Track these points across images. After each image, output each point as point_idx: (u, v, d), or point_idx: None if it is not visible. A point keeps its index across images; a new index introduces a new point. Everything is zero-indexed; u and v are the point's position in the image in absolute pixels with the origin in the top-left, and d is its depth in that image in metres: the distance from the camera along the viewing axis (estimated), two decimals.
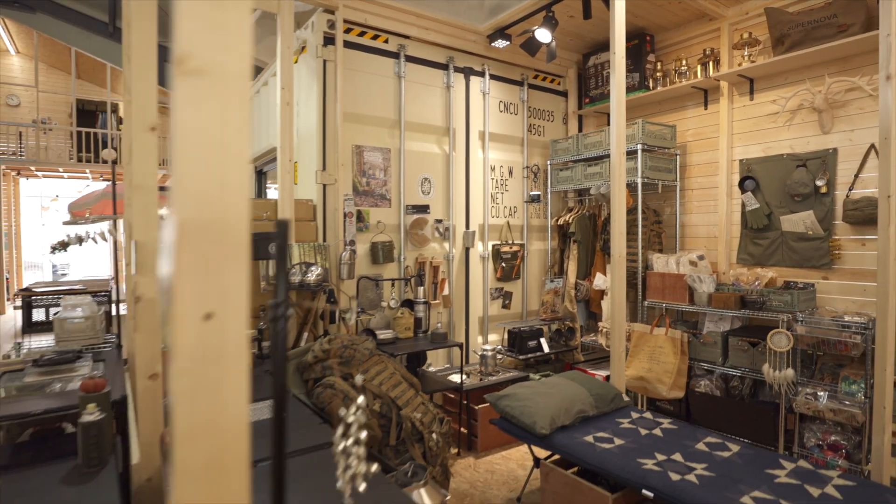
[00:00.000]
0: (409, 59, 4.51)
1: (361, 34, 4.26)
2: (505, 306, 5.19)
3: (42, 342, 3.60)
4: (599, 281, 4.85)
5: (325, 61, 4.03)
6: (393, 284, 4.34)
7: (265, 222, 3.63)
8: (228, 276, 0.61)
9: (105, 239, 2.96)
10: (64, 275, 16.13)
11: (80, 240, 2.88)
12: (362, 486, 0.88)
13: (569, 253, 5.15)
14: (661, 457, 2.69)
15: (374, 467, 0.92)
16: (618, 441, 2.90)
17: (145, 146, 1.94)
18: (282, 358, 0.63)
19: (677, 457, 2.69)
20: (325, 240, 4.03)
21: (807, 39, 3.77)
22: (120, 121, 13.89)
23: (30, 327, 4.35)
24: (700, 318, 4.36)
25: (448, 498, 2.42)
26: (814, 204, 3.93)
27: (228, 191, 0.62)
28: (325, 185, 4.05)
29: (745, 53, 4.19)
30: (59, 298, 4.67)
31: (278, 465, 0.69)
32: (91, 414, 2.03)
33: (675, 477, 2.46)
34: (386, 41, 4.38)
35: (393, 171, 4.44)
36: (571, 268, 5.06)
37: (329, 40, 4.03)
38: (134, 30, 1.97)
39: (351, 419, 0.88)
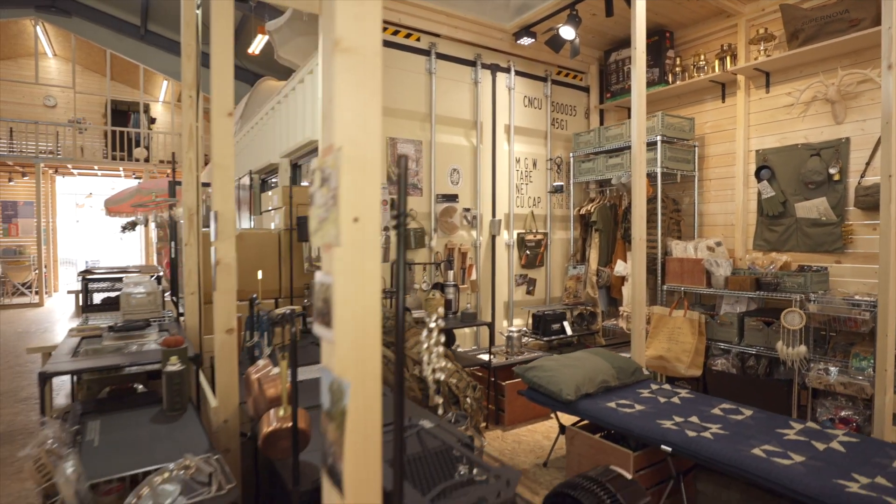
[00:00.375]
0: (440, 56, 4.77)
1: (395, 33, 4.54)
2: (529, 292, 5.43)
3: (102, 320, 3.92)
4: (620, 268, 5.07)
5: None
6: (424, 268, 4.61)
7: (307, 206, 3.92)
8: (368, 192, 0.88)
9: (177, 220, 3.27)
10: None
11: (146, 221, 3.19)
12: (441, 376, 1.13)
13: (590, 241, 5.38)
14: (678, 419, 2.91)
15: (448, 364, 1.17)
16: (638, 407, 3.12)
17: (224, 129, 2.23)
18: (403, 256, 0.89)
19: (694, 419, 2.91)
20: None
21: (820, 34, 3.96)
22: (152, 120, 14.36)
23: (87, 308, 4.68)
24: (717, 300, 4.56)
25: (486, 444, 2.67)
26: (827, 191, 4.11)
27: (369, 134, 0.88)
28: None
29: (761, 48, 4.39)
30: (114, 283, 5.02)
31: (399, 365, 0.95)
32: (174, 365, 2.32)
33: (691, 434, 2.69)
34: (418, 39, 4.65)
35: (424, 162, 4.70)
36: (593, 255, 5.28)
37: None
38: (213, 27, 2.25)
39: (432, 325, 1.14)
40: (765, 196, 4.46)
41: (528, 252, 5.34)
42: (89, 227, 16.11)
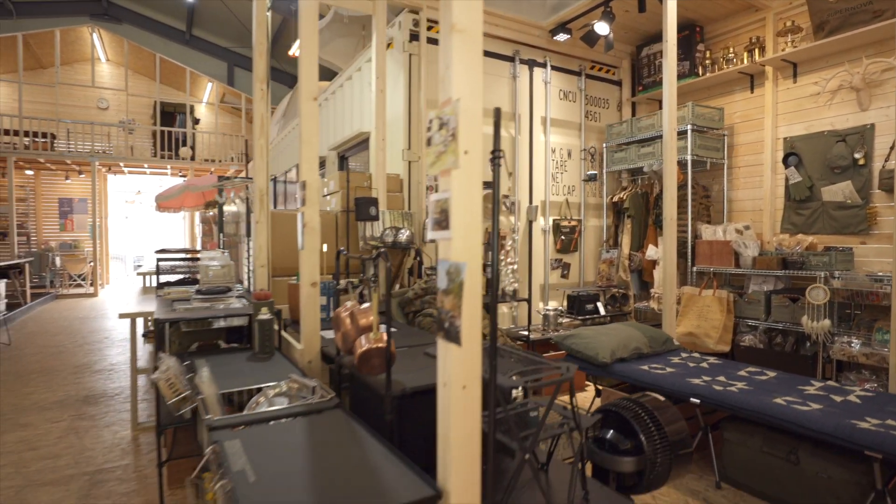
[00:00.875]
0: None
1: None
2: (564, 276, 5.72)
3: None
4: (651, 252, 5.33)
5: (410, 55, 4.68)
6: None
7: (365, 188, 4.30)
8: (474, 133, 1.22)
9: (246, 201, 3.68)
10: (139, 266, 17.38)
11: (226, 201, 3.59)
12: (514, 290, 1.47)
13: (623, 227, 5.65)
14: (706, 378, 3.19)
15: (516, 284, 1.51)
16: (669, 369, 3.41)
17: (311, 111, 2.60)
18: (498, 188, 1.22)
19: (721, 378, 3.18)
20: (409, 208, 4.67)
21: (845, 25, 4.19)
22: (196, 121, 15.03)
23: (160, 287, 5.13)
24: (745, 280, 4.79)
25: None
26: (852, 175, 4.32)
27: (474, 90, 1.22)
28: (409, 162, 4.69)
29: (789, 40, 4.62)
30: (177, 264, 5.48)
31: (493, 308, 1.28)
32: (264, 315, 2.70)
33: (718, 388, 2.97)
34: None
35: None
36: (626, 241, 5.55)
37: (414, 37, 4.68)
38: (301, 23, 2.63)
39: (508, 247, 1.48)
40: (792, 181, 4.68)
41: (562, 237, 5.64)
42: (137, 224, 16.89)
